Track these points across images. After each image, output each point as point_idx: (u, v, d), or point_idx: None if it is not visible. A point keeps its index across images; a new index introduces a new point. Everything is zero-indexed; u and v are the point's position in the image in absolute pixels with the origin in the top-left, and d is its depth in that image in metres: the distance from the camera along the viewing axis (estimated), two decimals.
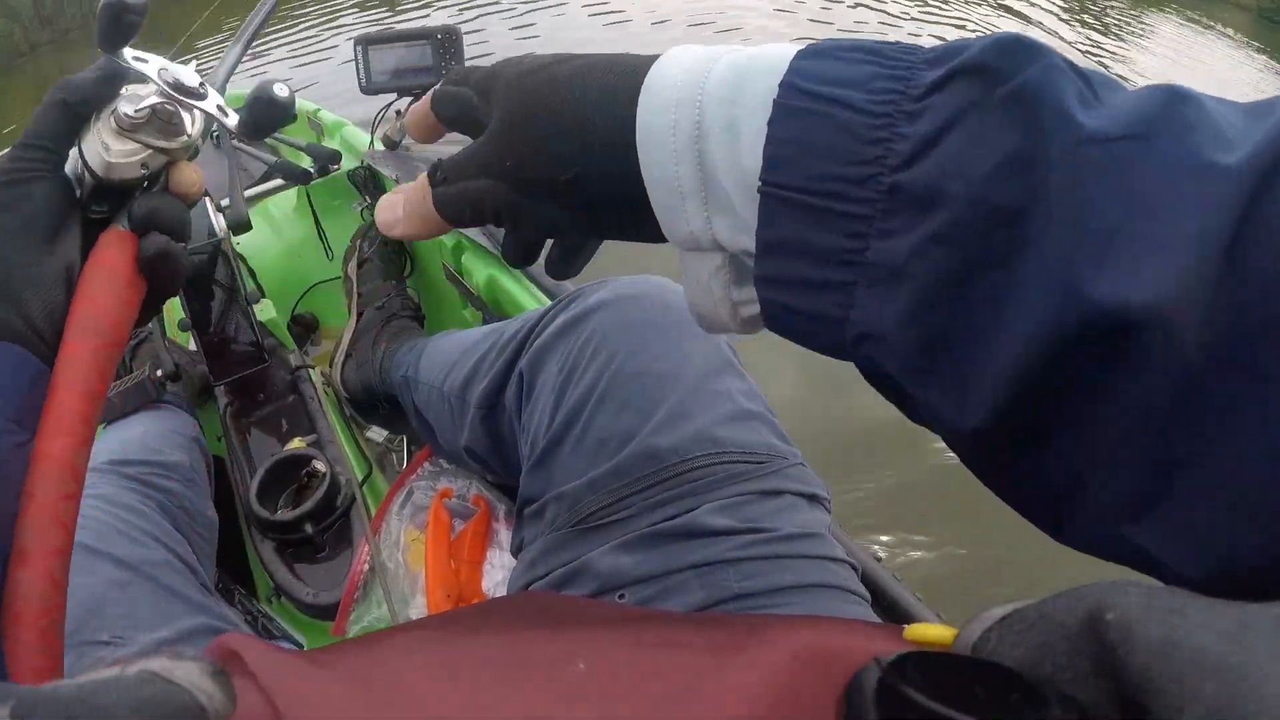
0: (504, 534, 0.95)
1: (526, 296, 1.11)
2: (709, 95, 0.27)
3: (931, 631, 0.28)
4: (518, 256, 0.39)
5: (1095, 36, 6.87)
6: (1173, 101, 0.22)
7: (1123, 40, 7.20)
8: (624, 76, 0.30)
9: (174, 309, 1.18)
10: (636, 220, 0.31)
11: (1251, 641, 0.17)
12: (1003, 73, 0.23)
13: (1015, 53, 0.23)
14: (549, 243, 0.40)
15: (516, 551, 0.68)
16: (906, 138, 0.23)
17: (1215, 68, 7.35)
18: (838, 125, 0.24)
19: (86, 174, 0.45)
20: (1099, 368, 0.22)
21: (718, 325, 0.32)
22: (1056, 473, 0.25)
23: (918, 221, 0.23)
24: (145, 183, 0.46)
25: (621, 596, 0.54)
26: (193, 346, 1.13)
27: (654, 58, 0.30)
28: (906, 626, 0.29)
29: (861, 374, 0.28)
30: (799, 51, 0.26)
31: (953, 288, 0.23)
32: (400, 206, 0.38)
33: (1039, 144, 0.22)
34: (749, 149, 0.26)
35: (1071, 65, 0.24)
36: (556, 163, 0.31)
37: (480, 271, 1.19)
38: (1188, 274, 0.20)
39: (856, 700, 0.23)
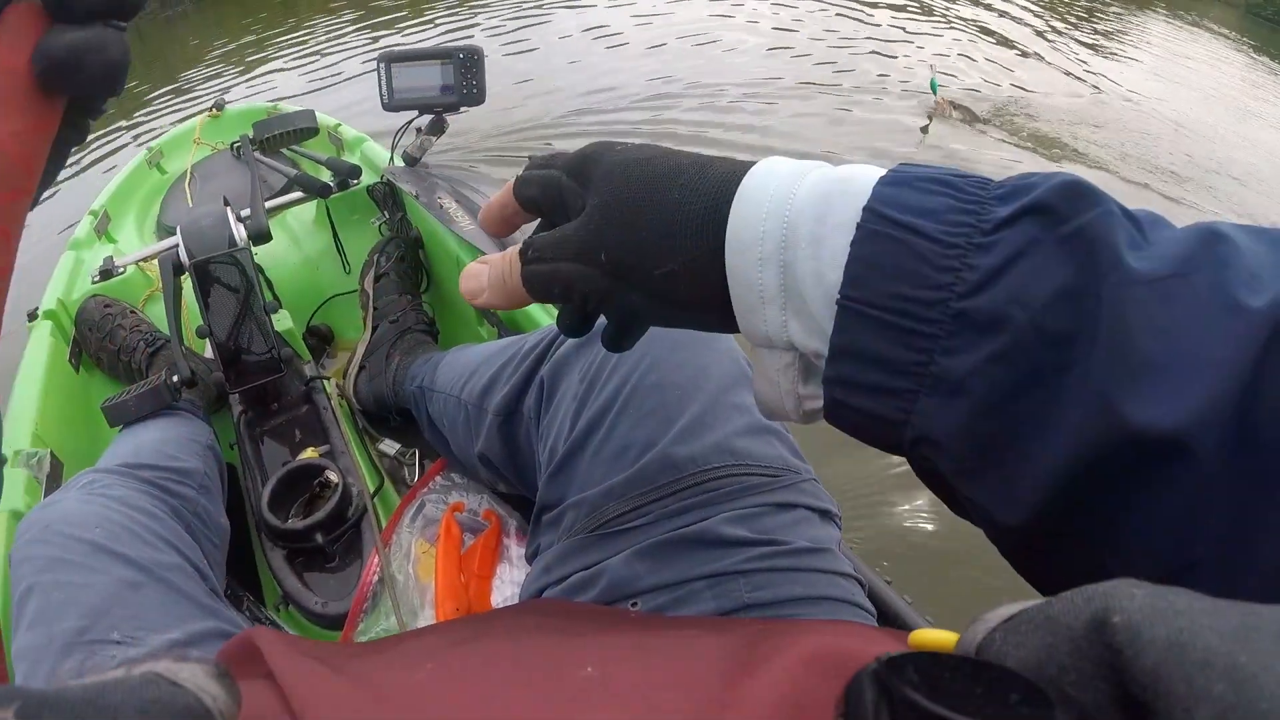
0: (514, 549, 0.95)
1: (543, 314, 1.12)
2: (797, 211, 0.29)
3: (935, 636, 0.28)
4: (573, 329, 0.40)
5: (1085, 39, 7.01)
6: (1210, 241, 0.25)
7: (1113, 41, 7.34)
8: (720, 182, 0.32)
9: (193, 317, 1.19)
10: (713, 316, 0.33)
11: (1260, 643, 0.17)
12: (1064, 214, 0.26)
13: (1076, 197, 0.26)
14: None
15: (532, 557, 0.68)
16: (975, 268, 0.26)
17: (1204, 65, 7.56)
18: (913, 252, 0.26)
19: None
20: (1128, 478, 0.24)
21: (779, 414, 0.34)
22: (1083, 564, 0.27)
23: (978, 343, 0.26)
24: None
25: (634, 605, 0.55)
26: (209, 354, 1.14)
27: (749, 164, 0.32)
28: (911, 632, 0.29)
29: (913, 470, 0.31)
30: (880, 178, 0.28)
31: (1005, 403, 0.26)
32: (484, 277, 0.39)
33: (1092, 280, 0.25)
34: (831, 263, 0.28)
35: (1124, 210, 0.27)
36: (654, 257, 0.33)
37: None
38: (1212, 400, 0.23)
39: (855, 700, 0.24)
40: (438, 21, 6.25)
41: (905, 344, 0.27)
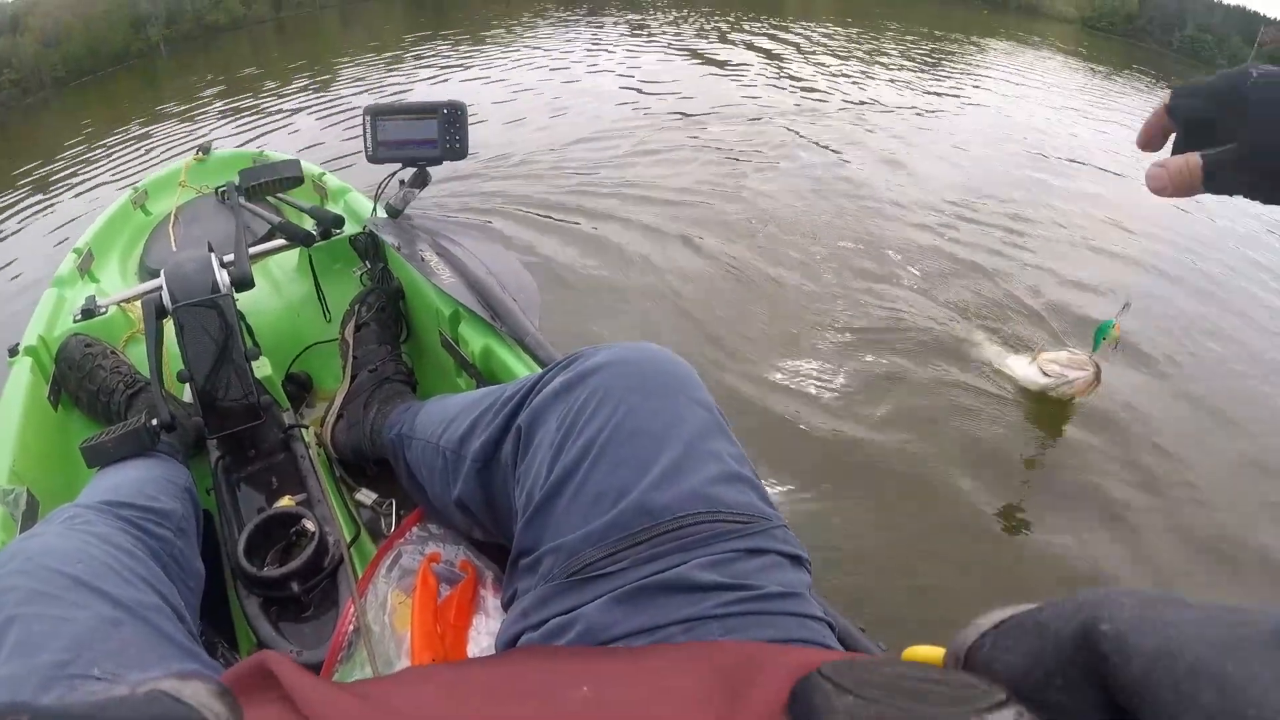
0: (490, 600, 0.96)
1: (520, 365, 1.14)
2: None
3: (926, 652, 0.30)
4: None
5: (934, 70, 7.50)
6: None
7: (961, 68, 7.88)
8: None
9: (173, 360, 1.20)
10: None
11: (1248, 654, 0.18)
12: None
13: None
14: None
15: (508, 604, 0.69)
16: None
17: (1047, 78, 8.40)
18: None
19: None
20: None
21: None
22: None
23: None
24: None
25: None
26: (189, 398, 1.14)
27: None
28: (906, 649, 0.31)
29: None
30: None
31: None
32: (1166, 178, 0.51)
33: None
34: None
35: None
36: None
37: (476, 340, 1.22)
38: None
39: (801, 703, 0.25)
40: (302, 97, 6.53)
41: None
